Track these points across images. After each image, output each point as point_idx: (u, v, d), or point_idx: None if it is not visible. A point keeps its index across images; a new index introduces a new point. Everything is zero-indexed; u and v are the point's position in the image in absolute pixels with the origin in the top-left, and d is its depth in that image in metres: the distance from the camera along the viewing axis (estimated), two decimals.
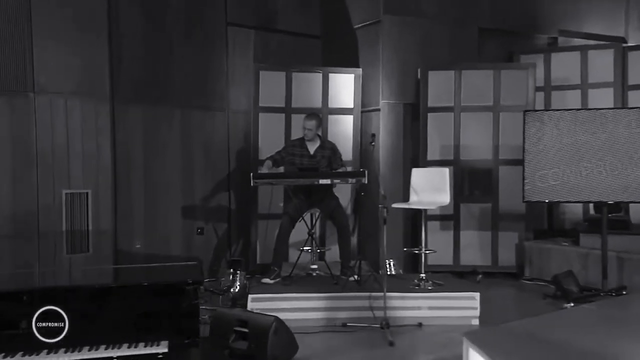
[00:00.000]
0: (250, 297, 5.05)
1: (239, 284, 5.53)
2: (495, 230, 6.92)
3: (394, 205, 5.75)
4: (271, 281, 5.50)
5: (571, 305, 5.51)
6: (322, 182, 5.45)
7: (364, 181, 5.39)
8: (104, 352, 2.93)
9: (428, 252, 5.82)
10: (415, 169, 6.08)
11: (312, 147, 5.85)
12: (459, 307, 5.19)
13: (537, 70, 7.04)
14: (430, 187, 5.80)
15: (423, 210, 5.72)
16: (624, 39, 7.62)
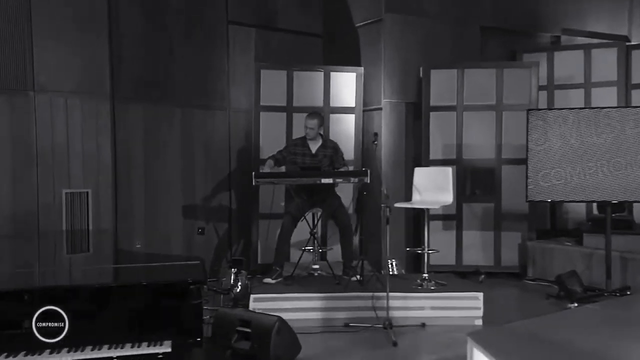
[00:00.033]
0: (253, 297, 5.02)
1: (240, 284, 5.50)
2: (498, 230, 6.89)
3: (396, 205, 5.72)
4: (273, 281, 5.47)
5: (575, 305, 5.49)
6: (324, 181, 5.42)
7: (366, 180, 5.37)
8: (106, 352, 2.92)
9: (431, 252, 5.78)
10: (417, 168, 6.05)
11: (314, 146, 5.82)
12: (462, 307, 5.17)
13: (540, 69, 7.00)
14: (433, 187, 5.78)
15: (426, 210, 5.69)
16: (627, 38, 7.61)
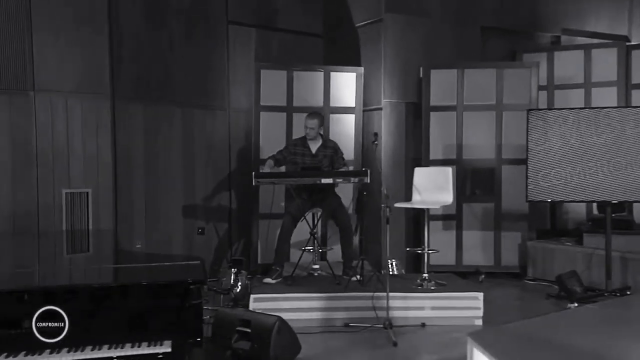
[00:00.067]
0: (253, 297, 5.02)
1: (240, 284, 5.49)
2: (498, 230, 6.88)
3: (396, 205, 5.71)
4: (273, 281, 5.46)
5: (575, 305, 5.49)
6: (324, 181, 5.43)
7: (366, 180, 5.37)
8: (107, 352, 2.91)
9: (431, 252, 5.78)
10: (417, 168, 6.04)
11: (314, 146, 5.81)
12: (462, 307, 5.17)
13: (540, 69, 7.00)
14: (434, 187, 5.77)
15: (426, 210, 5.68)
16: (627, 38, 7.60)
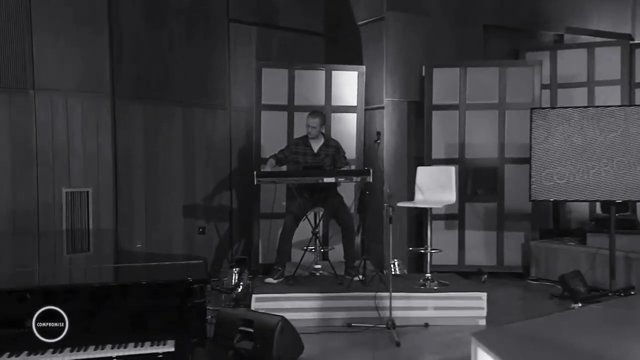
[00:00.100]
0: (255, 296, 4.98)
1: (242, 284, 5.45)
2: (500, 229, 6.84)
3: (399, 204, 5.67)
4: (275, 281, 5.43)
5: (579, 305, 5.46)
6: (326, 180, 5.39)
7: (368, 179, 5.33)
8: (109, 351, 2.90)
9: (434, 252, 5.73)
10: (420, 167, 6.01)
11: (316, 145, 5.77)
12: (465, 307, 5.13)
13: (543, 68, 6.96)
14: (436, 186, 5.74)
15: (428, 209, 5.64)
16: (630, 36, 7.56)
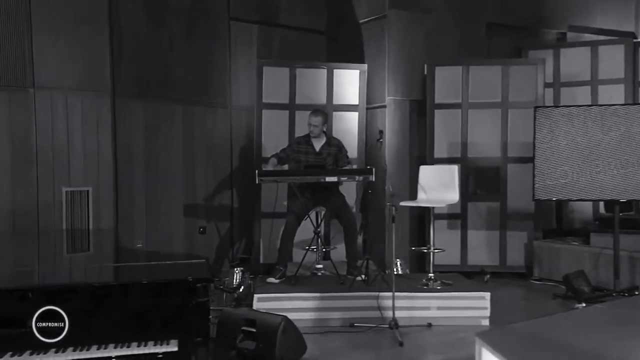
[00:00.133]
0: (256, 296, 4.95)
1: (241, 283, 5.43)
2: (503, 229, 6.79)
3: (402, 204, 5.63)
4: (276, 280, 5.39)
5: (583, 305, 5.42)
6: (328, 179, 5.36)
7: (371, 179, 5.30)
8: (112, 351, 2.87)
9: (437, 251, 5.69)
10: (423, 166, 5.97)
11: (318, 144, 5.74)
12: (468, 307, 5.10)
13: (546, 66, 6.92)
14: (439, 185, 5.70)
15: (431, 209, 5.61)
16: (634, 34, 7.53)
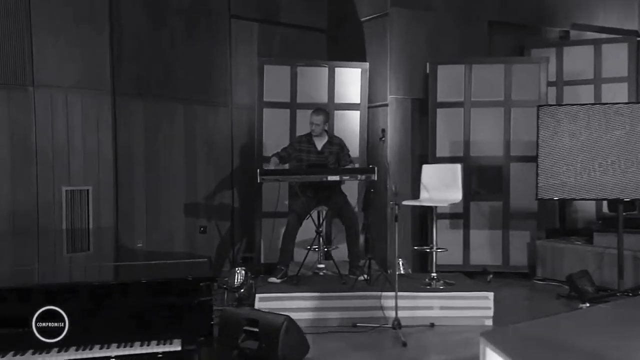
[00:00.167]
0: (258, 296, 4.91)
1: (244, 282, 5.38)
2: (506, 229, 6.75)
3: (404, 203, 5.59)
4: (278, 280, 5.35)
5: (587, 305, 5.38)
6: (330, 178, 5.32)
7: (373, 178, 5.27)
8: (115, 350, 2.85)
9: (439, 251, 5.66)
10: (425, 165, 5.94)
11: (320, 143, 5.69)
12: (472, 307, 5.05)
13: (549, 65, 6.86)
14: (442, 184, 5.67)
15: (434, 208, 5.57)
16: (637, 32, 7.48)
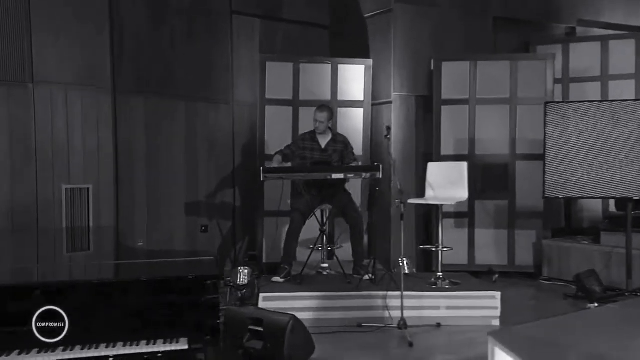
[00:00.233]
0: (262, 295, 4.85)
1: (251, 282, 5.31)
2: (512, 228, 6.67)
3: (410, 201, 5.54)
4: (281, 280, 5.27)
5: (595, 305, 5.31)
6: (335, 176, 5.25)
7: (378, 176, 5.20)
8: (121, 349, 2.83)
9: (445, 250, 5.58)
10: (431, 163, 5.89)
11: (324, 140, 5.62)
12: (478, 307, 4.99)
13: (555, 62, 6.79)
14: (447, 182, 5.62)
15: (439, 207, 5.50)
16: None
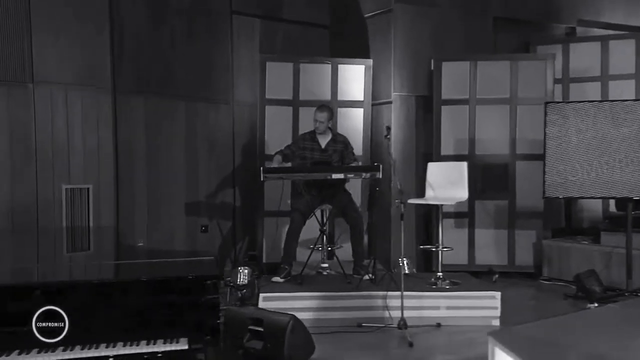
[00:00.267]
0: (262, 295, 4.85)
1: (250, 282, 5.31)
2: (511, 228, 6.67)
3: (410, 201, 5.54)
4: (281, 280, 5.27)
5: (595, 305, 5.32)
6: (335, 176, 5.25)
7: (378, 176, 5.20)
8: (121, 349, 2.83)
9: (445, 250, 5.59)
10: (431, 163, 5.89)
11: (324, 140, 5.62)
12: (478, 307, 4.99)
13: (555, 62, 6.78)
14: (447, 182, 5.62)
15: (440, 207, 5.50)
16: None
